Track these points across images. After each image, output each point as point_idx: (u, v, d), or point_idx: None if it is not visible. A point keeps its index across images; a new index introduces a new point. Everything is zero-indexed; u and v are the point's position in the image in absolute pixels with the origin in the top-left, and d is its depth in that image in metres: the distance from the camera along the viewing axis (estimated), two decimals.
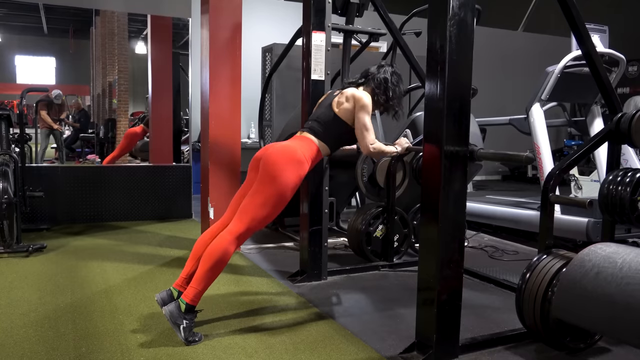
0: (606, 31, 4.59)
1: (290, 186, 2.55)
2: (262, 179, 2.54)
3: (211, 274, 2.46)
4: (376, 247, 3.81)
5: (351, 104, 2.83)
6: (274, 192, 2.51)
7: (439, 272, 2.16)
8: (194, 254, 2.61)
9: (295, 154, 2.61)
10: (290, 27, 5.32)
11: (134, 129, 6.64)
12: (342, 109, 2.84)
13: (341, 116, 2.83)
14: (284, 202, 2.57)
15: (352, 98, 2.84)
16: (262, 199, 2.51)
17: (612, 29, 4.86)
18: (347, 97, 2.86)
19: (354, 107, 2.82)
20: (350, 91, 2.88)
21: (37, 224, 4.91)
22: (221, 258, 2.45)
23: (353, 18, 4.28)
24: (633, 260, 1.95)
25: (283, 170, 2.53)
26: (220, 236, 2.51)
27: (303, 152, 2.66)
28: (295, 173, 2.58)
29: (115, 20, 6.71)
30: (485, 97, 6.95)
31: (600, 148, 3.73)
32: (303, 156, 2.64)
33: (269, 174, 2.52)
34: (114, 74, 6.88)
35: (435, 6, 2.15)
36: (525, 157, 2.32)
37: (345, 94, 2.89)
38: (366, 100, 2.83)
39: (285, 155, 2.58)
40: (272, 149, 2.61)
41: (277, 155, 2.57)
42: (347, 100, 2.85)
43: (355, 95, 2.84)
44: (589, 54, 2.71)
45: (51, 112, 7.17)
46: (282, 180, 2.52)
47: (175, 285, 2.60)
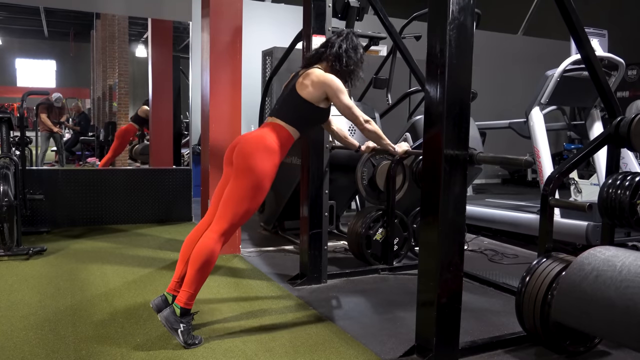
0: (605, 35, 4.60)
1: (266, 176, 2.53)
2: (237, 173, 2.52)
3: (200, 275, 2.46)
4: (376, 251, 3.81)
5: (318, 88, 2.69)
6: (251, 184, 2.49)
7: (439, 276, 2.17)
8: (182, 256, 2.61)
9: (265, 141, 2.57)
10: (291, 30, 5.34)
11: (123, 127, 6.63)
12: (307, 90, 2.69)
13: (306, 97, 2.69)
14: (263, 193, 2.55)
15: (319, 82, 2.69)
16: (240, 193, 2.49)
17: (612, 33, 4.88)
18: (312, 79, 2.70)
19: (323, 91, 2.69)
20: (316, 73, 2.72)
21: (37, 226, 4.91)
22: (208, 259, 2.45)
23: (353, 22, 4.30)
24: (632, 263, 1.96)
25: (256, 161, 2.50)
26: (204, 236, 2.51)
27: (272, 139, 2.60)
28: (269, 162, 2.54)
29: (116, 24, 6.73)
30: (485, 101, 6.96)
31: (600, 152, 3.73)
32: (274, 143, 2.59)
33: (243, 167, 2.50)
34: (115, 77, 6.90)
35: (435, 10, 2.16)
36: (524, 160, 2.32)
37: (310, 75, 2.72)
38: (337, 82, 2.71)
39: (256, 145, 2.54)
40: (243, 141, 2.58)
41: (248, 146, 2.54)
42: (311, 83, 2.69)
43: (323, 80, 2.69)
44: (589, 58, 2.72)
45: (51, 115, 7.18)
46: (256, 172, 2.50)
47: (168, 289, 2.60)
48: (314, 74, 2.73)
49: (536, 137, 4.48)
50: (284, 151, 2.65)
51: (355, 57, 2.84)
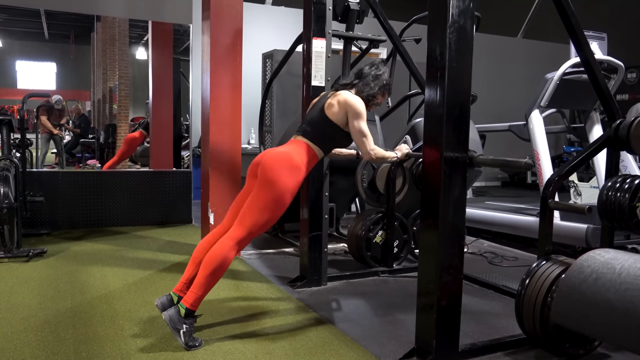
0: (605, 38, 4.61)
1: (289, 191, 2.58)
2: (261, 185, 2.56)
3: (211, 279, 2.47)
4: (376, 253, 3.82)
5: (342, 108, 2.76)
6: (273, 197, 2.54)
7: (439, 278, 2.17)
8: (194, 259, 2.63)
9: (292, 159, 2.63)
10: (291, 33, 5.35)
11: (133, 134, 6.65)
12: (333, 112, 2.78)
13: (332, 119, 2.78)
14: (283, 207, 2.60)
15: (345, 104, 2.77)
16: (262, 204, 2.53)
17: (611, 36, 4.89)
18: (338, 100, 2.79)
19: (345, 112, 2.77)
20: (343, 96, 2.81)
21: (37, 228, 4.91)
22: (221, 264, 2.47)
23: (353, 25, 4.31)
24: (632, 266, 1.96)
25: (281, 176, 2.55)
26: (220, 241, 2.53)
27: (300, 157, 2.67)
28: (294, 178, 2.60)
29: (116, 26, 6.74)
30: (485, 104, 6.97)
31: (600, 154, 3.75)
32: (300, 161, 2.66)
33: (267, 180, 2.54)
34: (115, 80, 6.90)
35: (435, 13, 2.17)
36: (524, 163, 2.33)
37: (337, 97, 2.82)
38: (359, 106, 2.77)
39: (283, 161, 2.60)
40: (269, 155, 2.63)
41: (275, 161, 2.59)
42: (338, 104, 2.78)
43: (348, 102, 2.77)
44: (588, 61, 2.72)
45: (51, 117, 7.18)
46: (280, 186, 2.54)
47: (175, 290, 2.61)
48: (342, 95, 2.82)
49: (536, 140, 4.48)
50: (308, 169, 2.73)
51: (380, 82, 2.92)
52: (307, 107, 3.41)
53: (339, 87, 2.94)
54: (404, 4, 9.85)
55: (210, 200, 4.10)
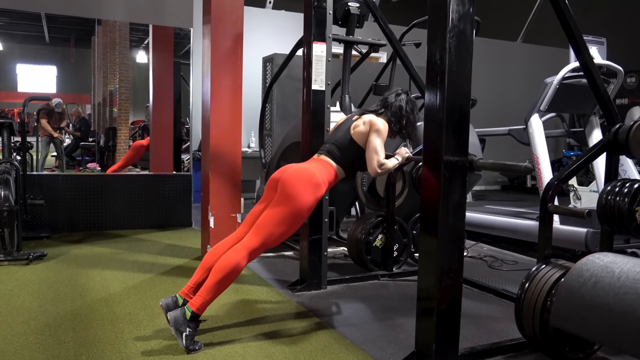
0: (604, 43, 4.63)
1: (306, 207, 2.63)
2: (280, 198, 2.60)
3: (220, 285, 2.50)
4: (376, 257, 3.82)
5: (367, 128, 2.92)
6: (291, 211, 2.58)
7: (439, 282, 2.17)
8: (204, 265, 2.64)
9: (314, 177, 2.69)
10: (291, 37, 5.37)
11: (141, 142, 6.63)
12: (358, 132, 2.94)
13: (357, 140, 2.93)
14: (300, 222, 2.65)
15: (369, 122, 2.93)
16: (279, 217, 2.58)
17: (610, 41, 4.90)
18: (364, 122, 2.96)
19: (367, 129, 2.92)
20: (368, 117, 2.98)
21: (37, 231, 4.92)
22: (233, 270, 2.49)
23: (353, 29, 4.32)
24: (630, 270, 1.97)
25: (301, 192, 2.60)
26: (234, 249, 2.55)
27: (321, 175, 2.75)
28: (313, 195, 2.66)
29: (117, 30, 6.75)
30: (485, 108, 6.98)
31: (599, 159, 3.75)
32: (321, 179, 2.73)
33: (287, 194, 2.59)
34: (115, 83, 6.91)
35: (434, 18, 2.18)
36: (524, 167, 2.33)
37: (363, 119, 2.98)
38: (381, 126, 2.92)
39: (304, 177, 2.65)
40: (291, 170, 2.69)
41: (296, 176, 2.64)
42: (364, 124, 2.95)
43: (372, 121, 2.93)
44: (587, 66, 2.73)
45: (52, 120, 7.19)
46: (299, 201, 2.59)
47: (181, 292, 2.62)
48: (368, 117, 2.98)
49: (535, 144, 4.49)
50: (328, 188, 2.83)
51: (413, 118, 3.07)
52: (307, 111, 3.43)
53: (365, 112, 3.06)
54: (404, 8, 9.88)
55: (211, 204, 4.10)
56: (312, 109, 3.41)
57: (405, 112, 3.03)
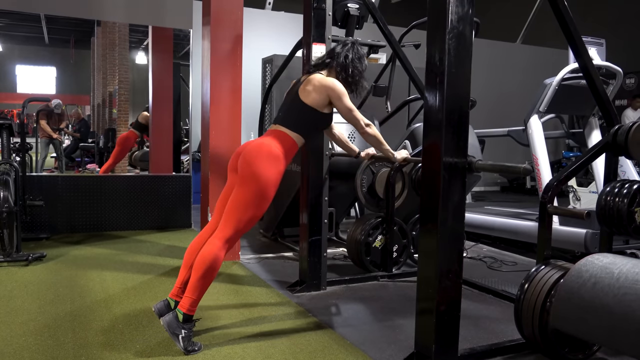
0: (603, 44, 4.63)
1: (271, 183, 2.54)
2: (242, 180, 2.53)
3: (204, 281, 2.46)
4: (375, 258, 3.82)
5: (320, 92, 2.73)
6: (256, 191, 2.51)
7: (438, 283, 2.17)
8: (186, 262, 2.61)
9: (270, 149, 2.58)
10: (291, 38, 5.37)
11: (124, 134, 6.65)
12: (310, 97, 2.73)
13: (310, 103, 2.72)
14: (268, 200, 2.56)
15: (322, 87, 2.73)
16: (245, 200, 2.50)
17: (609, 42, 4.91)
18: (314, 85, 2.74)
19: (325, 95, 2.73)
20: (318, 78, 2.76)
21: (37, 233, 4.91)
22: (212, 265, 2.45)
23: (353, 30, 4.33)
24: (630, 270, 1.97)
25: (261, 168, 2.51)
26: (209, 242, 2.51)
27: (277, 146, 2.62)
28: (274, 169, 2.56)
29: (117, 31, 6.76)
30: (484, 109, 6.99)
31: (598, 160, 3.76)
32: (278, 150, 2.61)
33: (248, 174, 2.51)
34: (115, 84, 6.92)
35: (434, 19, 2.18)
36: (523, 168, 2.33)
37: (312, 81, 2.76)
38: (339, 86, 2.75)
39: (261, 152, 2.55)
40: (247, 149, 2.59)
41: (253, 153, 2.55)
42: (314, 88, 2.73)
43: (325, 84, 2.73)
44: (586, 67, 2.74)
45: (51, 121, 7.20)
46: (262, 179, 2.51)
47: (171, 295, 2.61)
48: (316, 79, 2.76)
49: (535, 145, 4.50)
50: (288, 158, 2.67)
51: (361, 67, 2.88)
52: None
53: (311, 70, 2.89)
54: (403, 9, 9.89)
55: (210, 205, 4.10)
56: None
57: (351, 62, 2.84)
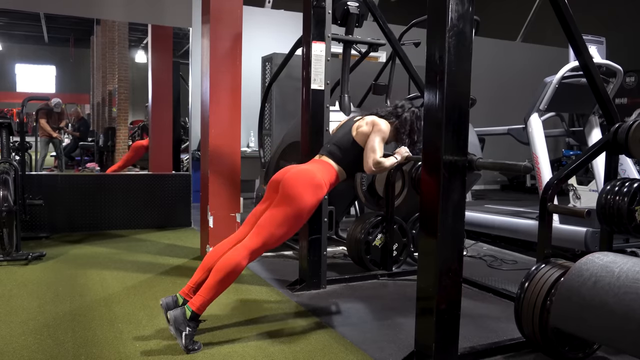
0: (603, 42, 4.62)
1: (307, 208, 2.64)
2: (281, 199, 2.61)
3: (221, 285, 2.50)
4: (375, 256, 3.82)
5: (369, 128, 2.93)
6: (292, 212, 2.59)
7: (438, 282, 2.17)
8: (205, 265, 2.64)
9: (315, 178, 2.69)
10: (290, 37, 5.35)
11: (141, 142, 6.64)
12: (360, 132, 2.94)
13: (359, 141, 2.94)
14: (301, 223, 2.66)
15: (371, 122, 2.95)
16: (281, 218, 2.58)
17: (610, 40, 4.90)
18: (366, 122, 2.97)
19: (370, 128, 2.92)
20: (371, 118, 2.99)
21: (36, 232, 4.91)
22: (233, 270, 2.50)
23: (352, 28, 4.31)
24: (630, 269, 1.96)
25: (302, 193, 2.61)
26: (235, 249, 2.56)
27: (322, 176, 2.76)
28: (314, 196, 2.66)
29: (116, 30, 6.75)
30: (484, 107, 6.98)
31: (598, 158, 3.76)
32: (322, 180, 2.74)
33: (288, 195, 2.59)
34: (114, 83, 6.91)
35: (434, 17, 2.17)
36: (523, 166, 2.33)
37: (365, 119, 3.00)
38: (383, 126, 2.93)
39: (305, 178, 2.66)
40: (292, 171, 2.69)
41: (298, 178, 2.65)
42: (366, 124, 2.96)
43: (375, 121, 2.95)
44: (587, 65, 2.73)
45: (51, 120, 7.19)
46: (300, 202, 2.59)
47: (181, 292, 2.63)
48: (371, 118, 3.00)
49: (535, 144, 4.49)
50: (329, 189, 2.83)
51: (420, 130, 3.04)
52: (306, 111, 3.43)
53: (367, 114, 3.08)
54: (403, 8, 9.87)
55: (210, 204, 4.10)
56: (312, 108, 3.41)
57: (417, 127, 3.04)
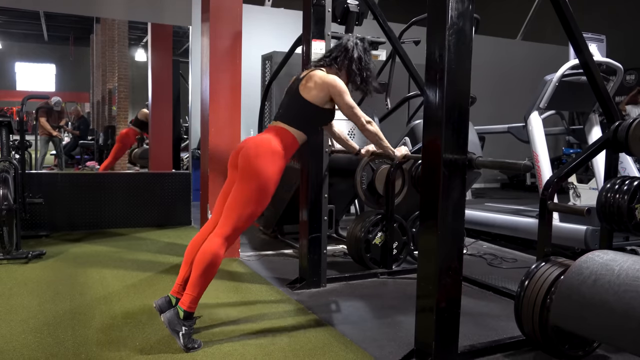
0: (604, 40, 4.62)
1: (271, 179, 2.54)
2: (242, 176, 2.53)
3: (204, 279, 2.46)
4: (375, 255, 3.82)
5: (320, 89, 2.71)
6: (256, 187, 2.50)
7: (438, 280, 2.17)
8: (186, 259, 2.62)
9: (271, 145, 2.58)
10: (290, 35, 5.34)
11: (124, 131, 6.66)
12: (311, 93, 2.71)
13: (310, 99, 2.71)
14: (268, 197, 2.56)
15: (323, 83, 2.71)
16: (245, 196, 2.50)
17: (610, 38, 4.89)
18: (315, 81, 2.72)
19: (326, 92, 2.71)
20: (319, 74, 2.74)
21: (36, 230, 4.91)
22: (212, 262, 2.45)
23: (352, 26, 4.31)
24: (630, 267, 1.96)
25: (261, 165, 2.51)
26: (209, 239, 2.51)
27: (278, 142, 2.61)
28: (274, 165, 2.55)
29: (116, 28, 6.75)
30: (484, 105, 6.97)
31: (599, 156, 3.75)
32: (279, 147, 2.60)
33: (248, 171, 2.51)
34: (114, 81, 6.91)
35: (434, 15, 2.17)
36: (523, 165, 2.33)
37: (313, 77, 2.74)
38: (340, 83, 2.72)
39: (261, 148, 2.55)
40: (247, 145, 2.59)
41: (253, 150, 2.55)
42: (315, 85, 2.71)
43: (326, 81, 2.71)
44: (587, 63, 2.73)
45: (50, 119, 7.19)
46: (262, 175, 2.50)
47: (172, 292, 2.61)
48: (317, 75, 2.74)
49: (535, 142, 4.49)
50: (288, 155, 2.66)
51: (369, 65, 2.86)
52: None
53: (311, 66, 2.89)
54: (403, 6, 9.86)
55: (210, 202, 4.10)
56: None
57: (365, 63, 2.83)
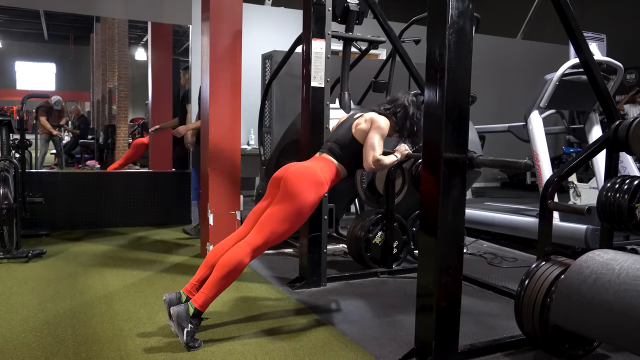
0: (604, 39, 4.62)
1: (309, 205, 2.65)
2: (283, 197, 2.62)
3: (223, 282, 2.51)
4: (375, 254, 3.82)
5: (368, 125, 2.93)
6: (294, 209, 2.60)
7: (438, 279, 2.17)
8: (207, 262, 2.66)
9: (316, 175, 2.71)
10: (290, 34, 5.34)
11: (142, 140, 6.63)
12: (359, 129, 2.95)
13: (358, 138, 2.94)
14: (302, 220, 2.67)
15: (370, 120, 2.95)
16: (282, 215, 2.59)
17: (610, 37, 4.89)
18: (366, 119, 2.97)
19: (369, 126, 2.92)
20: (370, 114, 2.99)
21: (36, 229, 4.91)
22: (235, 267, 2.50)
23: (353, 26, 4.30)
24: (631, 267, 1.96)
25: (304, 190, 2.62)
26: (237, 246, 2.56)
27: (323, 173, 2.77)
28: (315, 193, 2.67)
29: (116, 27, 6.74)
30: (484, 105, 6.97)
31: (599, 155, 3.75)
32: (323, 177, 2.75)
33: (290, 193, 2.60)
34: (114, 81, 6.90)
35: (434, 14, 2.17)
36: (523, 164, 2.33)
37: (365, 116, 3.00)
38: (382, 124, 2.93)
39: (307, 175, 2.67)
40: (293, 169, 2.70)
41: (299, 175, 2.66)
42: (365, 122, 2.96)
43: (373, 118, 2.95)
44: (587, 62, 2.73)
45: (50, 118, 7.18)
46: (302, 199, 2.61)
47: (184, 290, 2.64)
48: (369, 115, 2.99)
49: (535, 141, 4.49)
50: (329, 186, 2.83)
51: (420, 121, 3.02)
52: (306, 108, 3.42)
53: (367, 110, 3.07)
54: (404, 5, 9.85)
55: (210, 201, 4.10)
56: (312, 106, 3.40)
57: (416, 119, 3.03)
